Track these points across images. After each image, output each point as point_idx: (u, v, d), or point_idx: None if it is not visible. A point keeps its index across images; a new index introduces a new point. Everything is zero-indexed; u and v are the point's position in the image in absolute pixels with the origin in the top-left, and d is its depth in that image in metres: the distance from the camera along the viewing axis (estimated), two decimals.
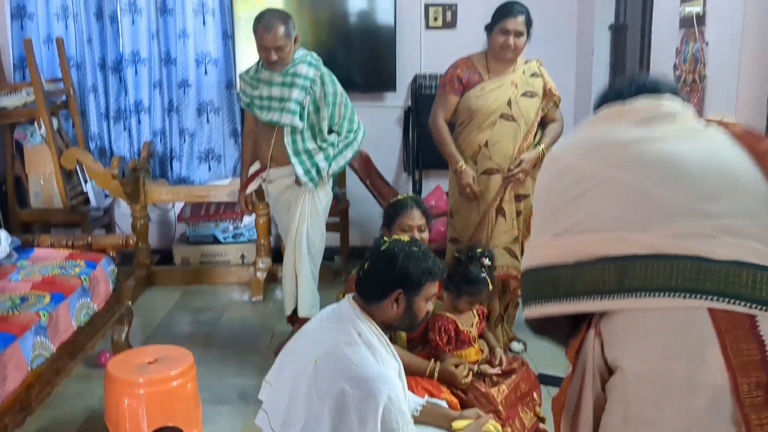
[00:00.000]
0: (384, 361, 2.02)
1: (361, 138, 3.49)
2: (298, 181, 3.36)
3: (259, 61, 3.35)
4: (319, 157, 3.33)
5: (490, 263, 2.90)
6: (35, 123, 4.49)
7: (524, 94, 3.36)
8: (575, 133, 1.52)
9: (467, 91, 3.36)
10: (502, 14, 3.29)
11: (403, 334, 2.79)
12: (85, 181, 4.65)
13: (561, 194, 1.38)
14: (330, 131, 3.39)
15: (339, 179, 5.06)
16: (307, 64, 3.29)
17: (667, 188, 1.28)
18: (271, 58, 3.20)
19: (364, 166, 4.77)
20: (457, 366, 2.70)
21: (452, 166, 3.42)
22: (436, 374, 2.70)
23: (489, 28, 3.34)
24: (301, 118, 3.28)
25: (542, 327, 1.42)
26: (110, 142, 4.97)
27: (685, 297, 1.21)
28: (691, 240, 1.23)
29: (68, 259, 3.21)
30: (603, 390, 1.32)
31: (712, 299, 1.20)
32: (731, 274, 1.20)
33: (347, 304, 2.12)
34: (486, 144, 3.34)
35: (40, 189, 4.66)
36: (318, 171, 3.33)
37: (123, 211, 5.03)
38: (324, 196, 3.48)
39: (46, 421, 2.95)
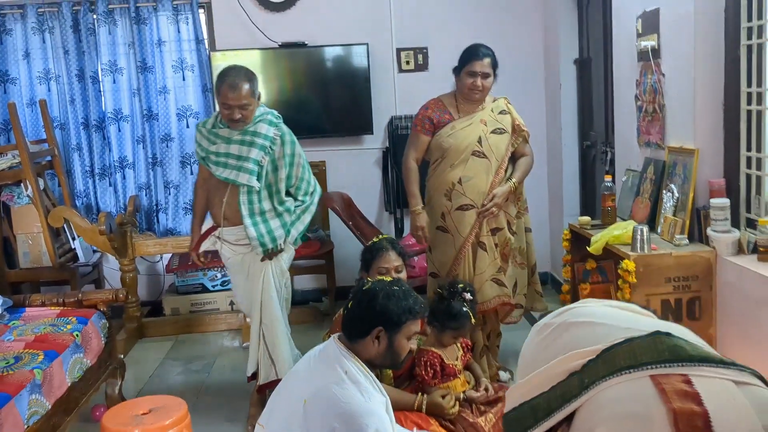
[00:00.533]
0: (371, 397, 2.10)
1: (317, 200, 3.45)
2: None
3: (217, 115, 3.27)
4: (275, 224, 3.23)
5: (471, 297, 3.00)
6: (21, 184, 4.58)
7: (494, 131, 3.49)
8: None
9: (438, 130, 3.50)
10: (468, 57, 3.44)
11: (390, 372, 2.87)
12: (73, 239, 4.73)
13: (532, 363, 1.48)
14: (287, 193, 3.30)
15: (322, 221, 5.16)
16: (268, 123, 3.22)
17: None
18: (235, 116, 3.11)
19: (346, 208, 4.88)
20: (443, 397, 2.78)
21: (410, 206, 3.57)
22: (424, 407, 2.78)
23: (457, 71, 3.49)
24: (259, 178, 3.18)
25: None
26: (96, 199, 5.06)
27: (633, 371, 1.29)
28: (624, 332, 1.37)
29: (60, 317, 3.27)
30: None
31: (652, 367, 1.28)
32: (657, 344, 1.31)
33: (333, 344, 2.20)
34: (459, 181, 3.45)
35: (29, 248, 4.73)
36: (273, 239, 3.21)
37: (111, 266, 5.10)
38: (287, 256, 3.39)
39: None
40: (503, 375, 3.68)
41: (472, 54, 3.44)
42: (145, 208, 5.10)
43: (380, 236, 3.25)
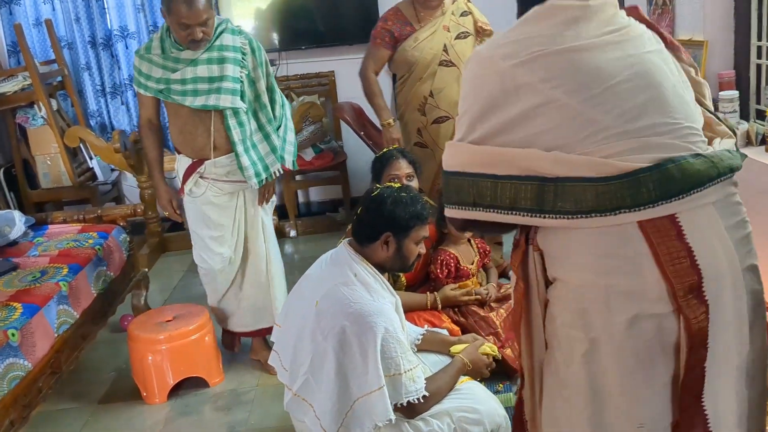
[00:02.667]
0: (380, 297, 2.17)
1: (290, 112, 3.17)
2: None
3: (163, 36, 2.84)
4: (264, 149, 2.96)
5: None
6: (35, 106, 4.62)
7: (458, 37, 3.35)
8: (508, 34, 1.47)
9: (400, 43, 3.36)
10: None
11: (404, 279, 2.95)
12: (90, 158, 4.80)
13: (496, 99, 1.39)
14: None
15: (334, 132, 5.18)
16: (231, 33, 2.86)
17: (600, 110, 1.34)
18: (197, 35, 2.71)
19: (357, 118, 4.87)
20: (453, 289, 2.88)
21: (381, 119, 3.47)
22: (438, 303, 2.88)
23: None
24: (242, 98, 2.87)
25: (466, 226, 1.53)
26: (110, 117, 5.10)
27: (615, 214, 1.30)
28: (616, 158, 1.32)
29: (81, 233, 3.38)
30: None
31: (638, 210, 1.30)
32: (646, 182, 1.30)
33: (343, 249, 2.27)
34: (431, 94, 3.36)
35: (48, 169, 4.82)
36: (265, 167, 2.95)
37: (130, 183, 5.18)
38: (270, 209, 3.18)
39: (79, 383, 3.15)
40: (504, 281, 3.70)
41: None
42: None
43: (390, 147, 3.21)
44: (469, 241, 3.08)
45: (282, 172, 3.04)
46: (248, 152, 2.89)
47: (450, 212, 1.46)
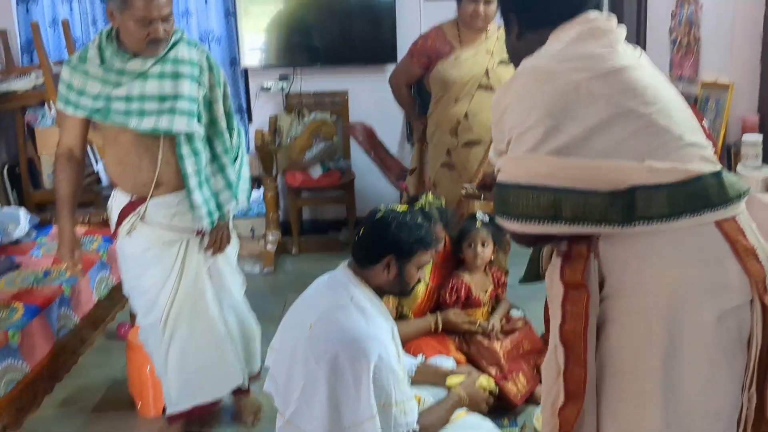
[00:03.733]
0: (375, 323, 2.11)
1: (246, 142, 2.77)
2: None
3: (102, 45, 2.33)
4: (219, 184, 2.52)
5: (486, 221, 2.98)
6: (45, 105, 4.58)
7: (501, 62, 3.31)
8: (564, 51, 1.51)
9: (437, 63, 3.34)
10: None
11: (411, 315, 2.89)
12: (97, 161, 4.75)
13: (572, 109, 1.42)
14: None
15: (344, 151, 5.15)
16: (188, 44, 2.41)
17: (671, 121, 1.45)
18: (159, 33, 2.26)
19: (368, 138, 4.85)
20: (456, 314, 2.86)
21: (414, 124, 3.62)
22: (440, 324, 2.83)
23: None
24: (199, 120, 2.41)
25: (537, 241, 1.55)
26: None
27: (699, 214, 1.40)
28: (687, 164, 1.42)
29: (86, 235, 3.32)
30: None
31: (715, 210, 1.40)
32: (717, 185, 1.42)
33: (342, 271, 2.21)
34: (466, 116, 3.32)
35: (53, 170, 4.76)
36: (218, 205, 2.50)
37: None
38: (233, 249, 2.72)
39: (72, 389, 3.07)
40: (516, 312, 3.66)
41: None
42: None
43: (429, 198, 2.92)
44: (485, 269, 3.04)
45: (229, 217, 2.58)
46: (201, 187, 2.41)
47: (520, 227, 1.44)
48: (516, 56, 1.63)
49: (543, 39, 1.56)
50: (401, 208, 2.27)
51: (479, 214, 3.10)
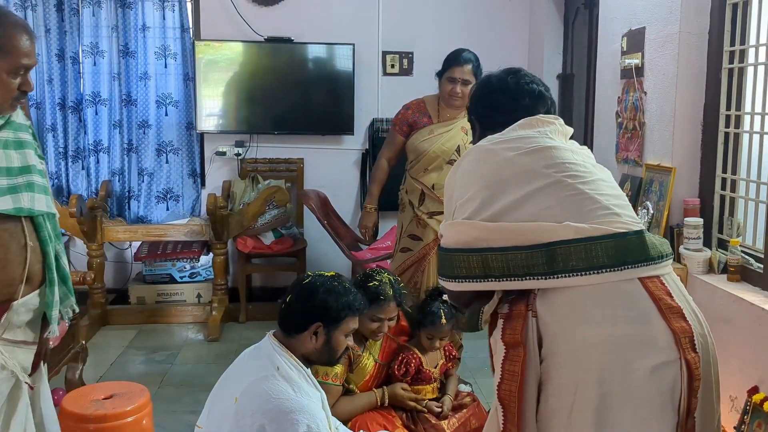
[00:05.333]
0: (303, 393, 2.06)
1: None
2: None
3: None
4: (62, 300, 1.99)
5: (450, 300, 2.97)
6: None
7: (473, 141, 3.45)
8: (503, 135, 1.75)
9: (414, 132, 3.49)
10: (450, 63, 3.42)
11: (357, 391, 2.82)
12: None
13: (507, 182, 1.61)
14: None
15: (297, 219, 5.14)
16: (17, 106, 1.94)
17: (596, 192, 1.60)
18: (30, 85, 1.89)
19: (322, 206, 4.86)
20: (404, 389, 2.80)
21: (366, 202, 3.68)
22: (386, 399, 2.77)
23: (439, 75, 3.47)
24: None
25: (467, 300, 1.64)
26: (68, 181, 4.98)
27: (621, 270, 1.48)
28: (609, 225, 1.55)
29: None
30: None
31: (636, 266, 1.48)
32: (638, 243, 1.51)
33: (267, 341, 2.16)
34: (433, 187, 3.43)
35: None
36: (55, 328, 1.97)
37: (78, 250, 5.01)
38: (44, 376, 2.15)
39: None
40: (463, 387, 3.62)
41: (453, 60, 3.41)
42: (117, 194, 5.03)
43: (383, 276, 2.80)
44: None
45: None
46: (53, 285, 1.91)
47: (456, 286, 1.58)
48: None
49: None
50: (329, 273, 2.24)
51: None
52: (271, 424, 1.94)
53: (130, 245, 5.15)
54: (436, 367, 2.94)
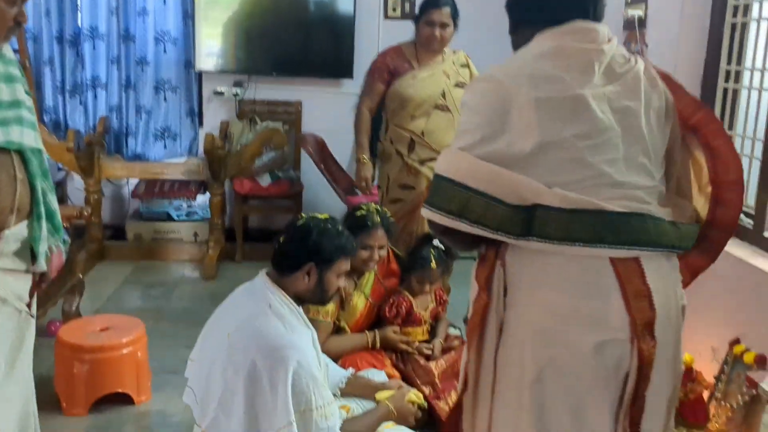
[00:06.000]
0: (295, 330, 2.11)
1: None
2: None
3: None
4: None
5: (441, 245, 3.02)
6: None
7: (457, 85, 3.43)
8: (526, 64, 1.54)
9: (396, 79, 3.43)
10: (427, 6, 3.36)
11: (348, 330, 2.90)
12: None
13: (512, 126, 1.47)
14: None
15: (294, 162, 5.15)
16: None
17: (600, 158, 1.47)
18: (26, 17, 1.86)
19: (319, 150, 4.87)
20: (395, 332, 2.88)
21: (357, 154, 3.54)
22: (378, 342, 2.84)
23: (416, 20, 3.42)
24: None
25: (446, 232, 1.55)
26: (65, 116, 4.96)
27: (594, 247, 1.43)
28: (606, 202, 1.45)
29: None
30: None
31: (611, 248, 1.44)
32: (622, 224, 1.45)
33: (260, 279, 2.21)
34: (422, 134, 3.40)
35: None
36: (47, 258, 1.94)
37: (76, 186, 5.02)
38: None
39: None
40: (453, 331, 3.70)
41: (431, 3, 3.35)
42: (115, 130, 5.02)
43: (369, 206, 2.96)
44: None
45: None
46: (40, 219, 1.90)
47: (432, 216, 1.50)
48: (513, 47, 1.69)
49: (528, 37, 1.59)
50: (322, 216, 2.28)
51: (435, 245, 3.12)
52: (263, 360, 2.00)
53: (128, 182, 5.17)
54: (426, 311, 3.01)
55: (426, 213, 1.52)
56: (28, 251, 1.91)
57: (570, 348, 1.45)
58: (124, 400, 2.90)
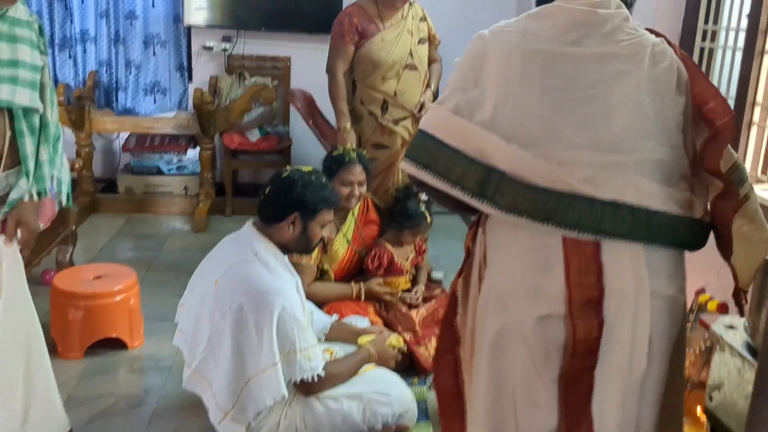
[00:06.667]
0: (280, 277, 2.23)
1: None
2: None
3: None
4: (45, 168, 2.10)
5: (426, 198, 3.12)
6: None
7: (419, 42, 3.47)
8: (514, 23, 1.53)
9: (364, 41, 3.39)
10: None
11: (332, 274, 3.02)
12: None
13: (479, 76, 1.48)
14: None
15: (283, 117, 5.20)
16: (22, 2, 2.02)
17: (567, 122, 1.43)
18: None
19: (307, 106, 4.90)
20: (379, 284, 2.99)
21: (338, 123, 3.49)
22: (362, 294, 2.96)
23: None
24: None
25: (419, 186, 1.57)
26: (54, 70, 4.98)
27: (543, 224, 1.40)
28: (566, 174, 1.40)
29: None
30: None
31: (566, 229, 1.40)
32: (585, 209, 1.39)
33: (246, 228, 2.32)
34: (395, 94, 3.43)
35: None
36: (44, 190, 2.12)
37: (67, 139, 4.98)
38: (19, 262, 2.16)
39: None
40: (436, 274, 3.77)
41: None
42: (105, 85, 5.05)
43: (346, 146, 3.18)
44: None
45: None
46: (28, 174, 2.04)
47: (406, 167, 1.53)
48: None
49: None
50: (307, 168, 2.37)
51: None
52: (249, 304, 2.11)
53: (118, 136, 5.22)
54: (407, 260, 3.12)
55: (403, 165, 1.56)
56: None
57: (517, 318, 1.45)
58: (118, 345, 3.02)
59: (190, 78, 5.18)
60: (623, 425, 1.45)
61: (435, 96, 3.57)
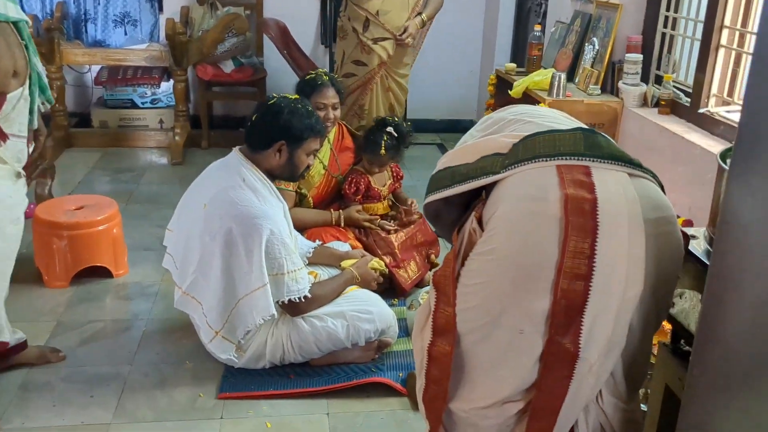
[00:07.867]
0: (267, 202, 2.29)
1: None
2: None
3: None
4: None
5: (395, 134, 3.15)
6: None
7: None
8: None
9: None
10: None
11: (310, 199, 3.07)
12: None
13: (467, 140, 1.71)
14: None
15: (257, 48, 5.16)
16: None
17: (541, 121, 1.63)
18: None
19: (281, 36, 4.87)
20: (358, 211, 3.05)
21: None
22: (342, 221, 3.03)
23: None
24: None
25: (438, 211, 1.69)
26: (21, 1, 4.86)
27: (545, 160, 1.50)
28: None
29: None
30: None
31: (561, 158, 1.50)
32: (574, 139, 1.53)
33: (233, 155, 2.36)
34: (377, 13, 3.55)
35: None
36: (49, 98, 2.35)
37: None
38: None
39: None
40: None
41: None
42: (73, 16, 4.94)
43: (318, 70, 3.19)
44: None
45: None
46: (35, 84, 2.23)
47: (428, 199, 1.65)
48: None
49: None
50: (293, 96, 2.40)
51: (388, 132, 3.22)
52: (238, 227, 2.17)
53: (89, 69, 5.15)
54: (384, 186, 3.19)
55: (429, 199, 1.65)
56: (26, 116, 2.20)
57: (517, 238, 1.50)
58: (103, 273, 3.07)
59: (161, 8, 5.08)
60: (612, 342, 1.47)
61: (423, 24, 3.63)
